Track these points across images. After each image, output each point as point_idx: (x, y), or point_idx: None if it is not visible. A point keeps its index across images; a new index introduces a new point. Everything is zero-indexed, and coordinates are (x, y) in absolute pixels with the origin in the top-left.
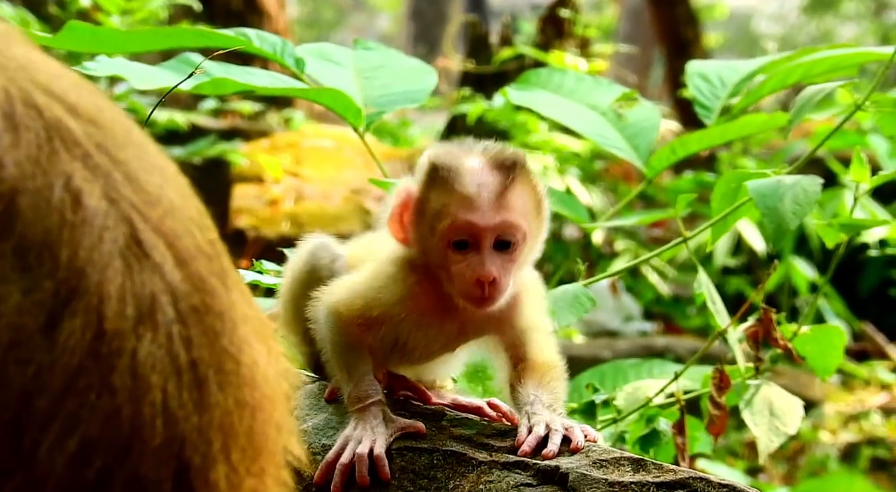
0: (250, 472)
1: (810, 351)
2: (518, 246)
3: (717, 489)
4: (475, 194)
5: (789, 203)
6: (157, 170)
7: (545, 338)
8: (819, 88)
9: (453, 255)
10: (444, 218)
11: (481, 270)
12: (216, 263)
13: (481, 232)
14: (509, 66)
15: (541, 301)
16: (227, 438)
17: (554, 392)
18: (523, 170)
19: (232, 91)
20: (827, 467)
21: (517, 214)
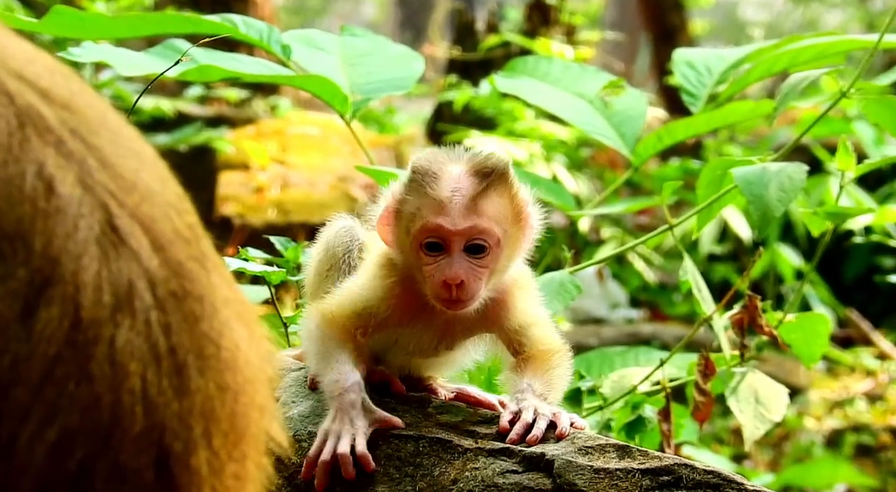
0: (232, 457)
1: (795, 338)
2: (491, 251)
3: (701, 476)
4: (447, 199)
5: (775, 190)
6: (134, 154)
7: (543, 330)
8: (804, 75)
9: (425, 256)
10: (416, 220)
11: (449, 273)
12: (195, 247)
13: (450, 236)
14: (496, 53)
15: (533, 296)
16: (209, 423)
17: (550, 381)
18: (502, 177)
19: (218, 78)
20: (812, 453)
21: (489, 219)
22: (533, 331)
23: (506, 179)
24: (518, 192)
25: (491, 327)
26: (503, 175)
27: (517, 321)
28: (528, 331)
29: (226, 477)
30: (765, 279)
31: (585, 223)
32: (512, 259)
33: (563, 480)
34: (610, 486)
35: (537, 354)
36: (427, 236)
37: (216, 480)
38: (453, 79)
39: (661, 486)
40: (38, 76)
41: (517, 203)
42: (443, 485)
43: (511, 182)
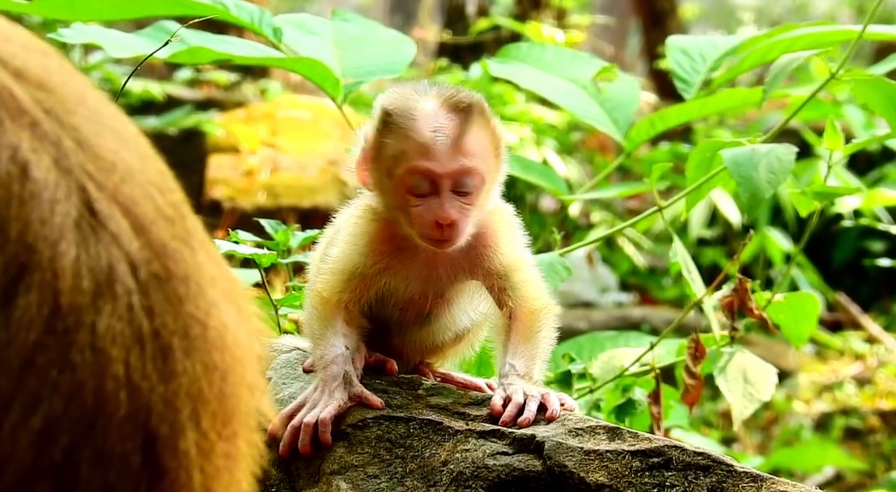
0: (222, 436)
1: (784, 319)
2: (477, 189)
3: (691, 457)
4: (431, 141)
5: (764, 172)
6: (113, 132)
7: (528, 278)
8: (793, 57)
9: (413, 198)
10: (401, 164)
11: (441, 213)
12: (179, 225)
13: (440, 178)
14: (486, 37)
15: (516, 235)
16: (197, 404)
17: (534, 353)
18: (480, 112)
19: (209, 60)
20: (800, 436)
21: (475, 158)
22: (517, 277)
23: (483, 113)
24: (496, 126)
25: (475, 270)
26: (481, 110)
27: (500, 261)
28: (512, 276)
29: (216, 457)
30: (754, 263)
31: (575, 207)
32: (494, 193)
33: (553, 461)
34: (600, 467)
35: (521, 314)
36: (415, 180)
37: (205, 461)
38: (444, 62)
39: (652, 467)
40: (12, 55)
41: (495, 137)
42: (433, 466)
43: (488, 116)
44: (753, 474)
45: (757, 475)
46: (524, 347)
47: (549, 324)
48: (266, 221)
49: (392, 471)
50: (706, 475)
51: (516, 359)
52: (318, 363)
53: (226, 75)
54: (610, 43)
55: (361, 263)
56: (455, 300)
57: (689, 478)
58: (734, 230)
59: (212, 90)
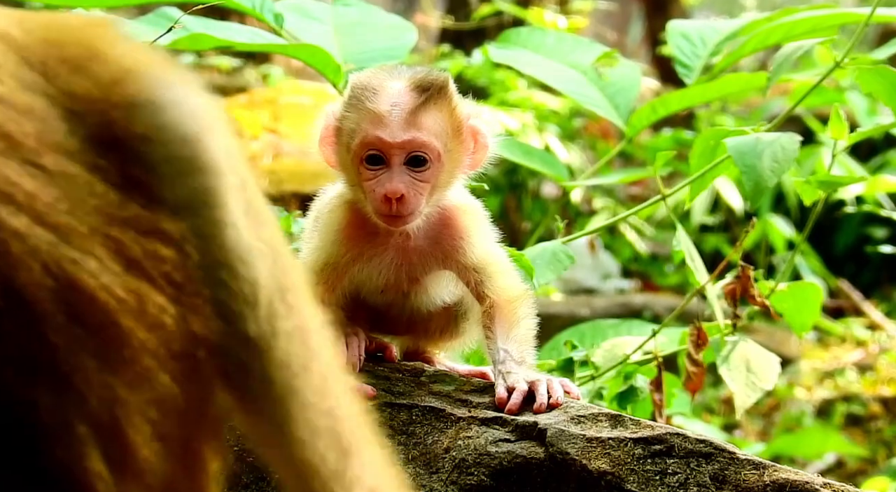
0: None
1: (787, 308)
2: (432, 165)
3: (693, 445)
4: (386, 112)
5: (768, 161)
6: None
7: (502, 270)
8: (797, 45)
9: (366, 171)
10: (356, 135)
11: (389, 187)
12: None
13: (390, 148)
14: (488, 22)
15: (485, 229)
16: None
17: (522, 338)
18: (442, 92)
19: (210, 47)
20: (802, 423)
21: (429, 133)
22: (492, 270)
23: (445, 93)
24: (457, 107)
25: (448, 262)
26: (442, 89)
27: (473, 255)
28: (486, 269)
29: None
30: (756, 250)
31: (578, 194)
32: (453, 175)
33: (555, 448)
34: (602, 454)
35: (502, 303)
36: (367, 150)
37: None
38: (446, 48)
39: (654, 455)
40: None
41: (456, 118)
42: (435, 453)
43: (450, 97)
44: (755, 462)
45: (759, 463)
46: (513, 331)
47: (529, 311)
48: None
49: (394, 458)
50: (708, 463)
51: (509, 344)
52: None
53: (227, 61)
54: (612, 29)
55: (334, 253)
56: (432, 283)
57: (691, 465)
58: (737, 217)
59: (213, 75)
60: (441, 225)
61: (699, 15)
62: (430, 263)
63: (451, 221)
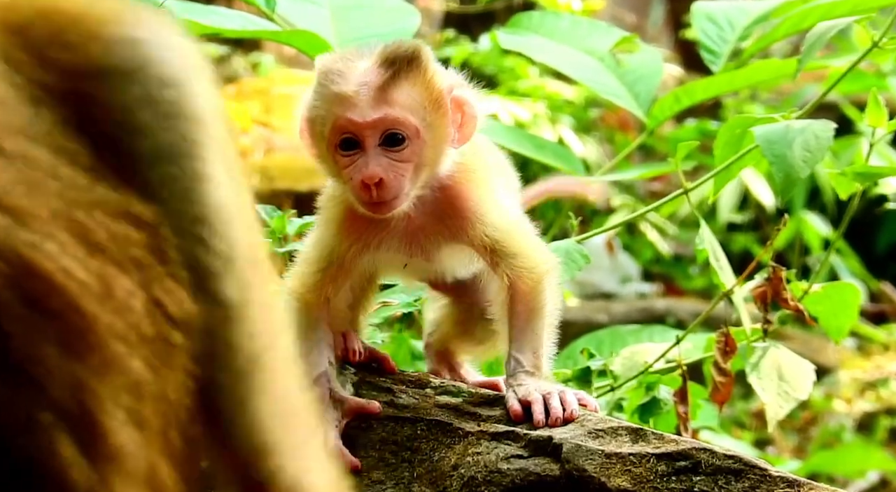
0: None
1: (822, 310)
2: (410, 143)
3: (722, 461)
4: (353, 92)
5: (799, 150)
6: None
7: (520, 245)
8: (831, 24)
9: (341, 159)
10: (327, 121)
11: (366, 171)
12: None
13: (361, 129)
14: (496, 5)
15: (495, 196)
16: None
17: (538, 344)
18: (413, 63)
19: (197, 34)
20: (841, 438)
21: (402, 108)
22: (508, 245)
23: (418, 64)
24: (434, 77)
25: (459, 238)
26: (413, 61)
27: (484, 232)
28: (501, 245)
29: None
30: (789, 250)
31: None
32: (440, 151)
33: (571, 465)
34: (622, 472)
35: (520, 287)
36: (339, 135)
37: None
38: (450, 34)
39: (679, 472)
40: None
41: (434, 89)
42: (442, 471)
43: (424, 67)
44: (790, 479)
45: (794, 480)
46: (528, 333)
47: (551, 294)
48: (260, 206)
49: (398, 476)
50: (738, 480)
51: (521, 352)
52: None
53: (214, 48)
54: (631, 11)
55: (336, 247)
56: (457, 259)
57: (720, 483)
58: (767, 214)
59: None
60: (443, 200)
61: None
62: (439, 241)
63: (454, 196)
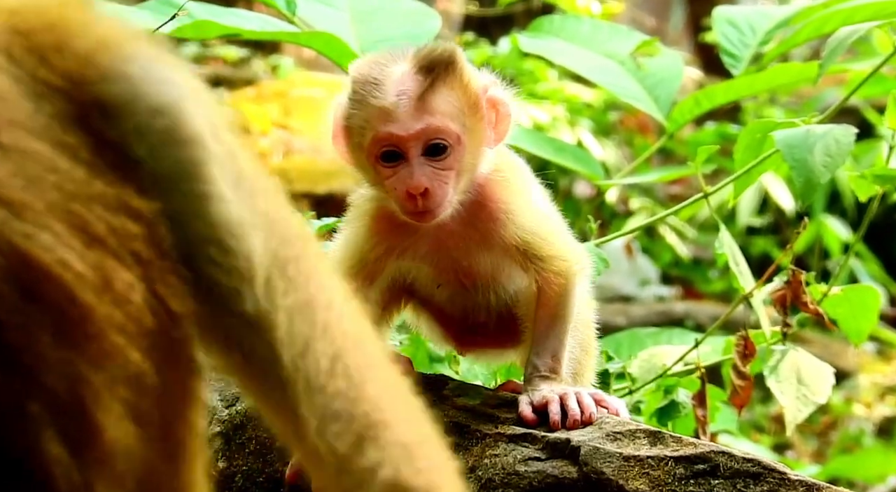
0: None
1: (842, 314)
2: (452, 150)
3: (740, 464)
4: (393, 104)
5: (820, 155)
6: None
7: (550, 245)
8: (853, 29)
9: (383, 169)
10: (367, 133)
11: (411, 182)
12: None
13: (404, 142)
14: (516, 8)
15: (527, 197)
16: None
17: (558, 347)
18: (451, 68)
19: (216, 35)
20: (861, 442)
21: (444, 117)
22: (538, 245)
23: (454, 68)
24: (471, 80)
25: (489, 242)
26: (450, 65)
27: (515, 233)
28: (532, 246)
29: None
30: (809, 253)
31: (613, 193)
32: (478, 154)
33: (589, 468)
34: (641, 474)
35: (548, 290)
36: (380, 147)
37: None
38: (470, 37)
39: (697, 475)
40: None
41: (471, 92)
42: (460, 473)
43: (460, 70)
44: (809, 483)
45: (813, 484)
46: (550, 339)
47: (579, 297)
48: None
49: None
50: (756, 484)
51: (540, 357)
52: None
53: (234, 50)
54: (651, 14)
55: (361, 247)
56: (492, 272)
57: (738, 486)
58: (787, 218)
59: (219, 67)
60: (474, 204)
61: (746, 1)
62: (469, 246)
63: (484, 198)
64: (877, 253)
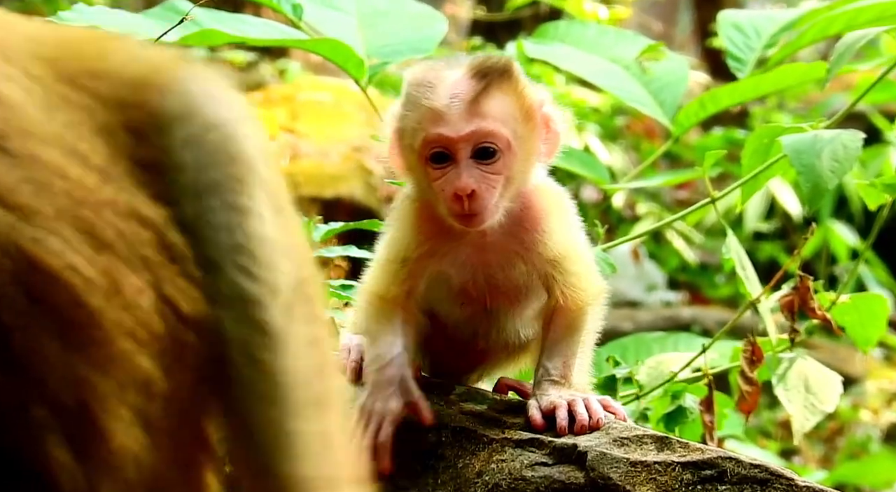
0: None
1: (850, 321)
2: (502, 156)
3: (748, 470)
4: (445, 106)
5: (827, 160)
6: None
7: (579, 267)
8: (861, 34)
9: (433, 171)
10: (418, 135)
11: (458, 183)
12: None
13: (454, 143)
14: (523, 13)
15: (569, 218)
16: None
17: (570, 356)
18: (504, 75)
19: (222, 42)
20: (868, 448)
21: (494, 121)
22: (568, 264)
23: (509, 75)
24: (525, 88)
25: (528, 255)
26: (505, 72)
27: (551, 247)
28: (563, 263)
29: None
30: (816, 259)
31: (620, 198)
32: (529, 164)
33: (596, 473)
34: (648, 480)
35: (567, 305)
36: (430, 148)
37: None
38: (477, 41)
39: (704, 480)
40: None
41: (526, 101)
42: (467, 478)
43: (515, 78)
44: (816, 489)
45: (820, 490)
46: (562, 345)
47: (595, 319)
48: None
49: (423, 482)
50: (764, 490)
51: (551, 361)
52: (373, 365)
53: (242, 55)
54: (659, 19)
55: (405, 247)
56: (514, 295)
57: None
58: (794, 223)
59: (227, 71)
60: (519, 214)
61: (754, 5)
62: (509, 257)
63: (530, 208)
64: (884, 259)
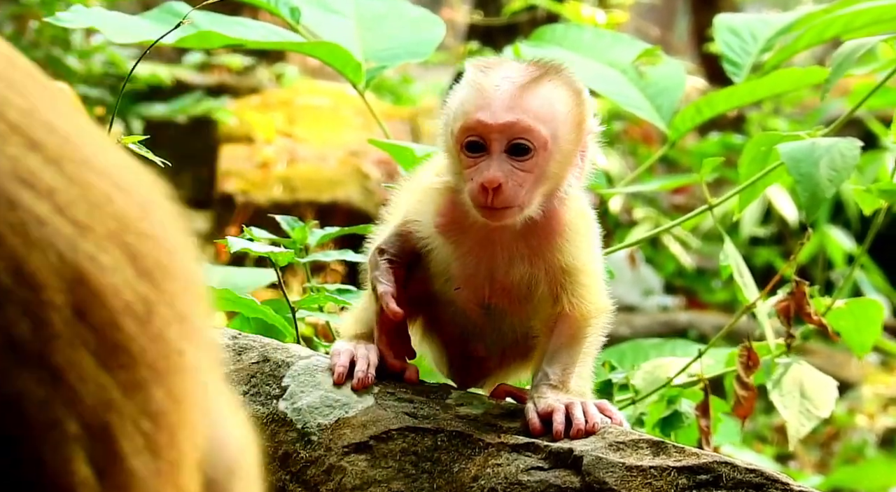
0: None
1: (845, 326)
2: (537, 154)
3: (743, 475)
4: (490, 93)
5: (825, 169)
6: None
7: (591, 283)
8: (860, 43)
9: (466, 158)
10: (459, 118)
11: (487, 174)
12: None
13: (490, 131)
14: (520, 17)
15: (590, 237)
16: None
17: (570, 363)
18: (556, 75)
19: (220, 45)
20: (864, 453)
21: (534, 117)
22: (581, 278)
23: (563, 77)
24: (584, 101)
25: (535, 260)
26: (561, 72)
27: (566, 260)
28: (575, 275)
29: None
30: (813, 264)
31: (617, 203)
32: (565, 170)
33: (592, 477)
34: (643, 484)
35: (573, 315)
36: (467, 135)
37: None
38: (474, 45)
39: (699, 485)
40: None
41: (572, 104)
42: (463, 482)
43: (571, 83)
44: None
45: None
46: (563, 352)
47: (597, 331)
48: (282, 217)
49: (418, 487)
50: None
51: (550, 366)
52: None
53: (239, 59)
54: (656, 24)
55: (420, 214)
56: (514, 295)
57: None
58: (790, 228)
59: (224, 75)
60: (539, 221)
61: (751, 9)
62: (514, 257)
63: (552, 218)
64: (880, 264)
